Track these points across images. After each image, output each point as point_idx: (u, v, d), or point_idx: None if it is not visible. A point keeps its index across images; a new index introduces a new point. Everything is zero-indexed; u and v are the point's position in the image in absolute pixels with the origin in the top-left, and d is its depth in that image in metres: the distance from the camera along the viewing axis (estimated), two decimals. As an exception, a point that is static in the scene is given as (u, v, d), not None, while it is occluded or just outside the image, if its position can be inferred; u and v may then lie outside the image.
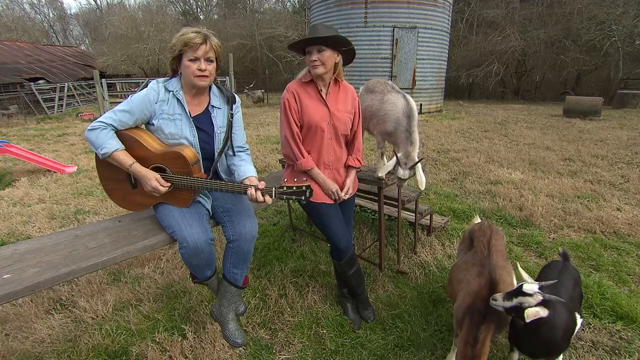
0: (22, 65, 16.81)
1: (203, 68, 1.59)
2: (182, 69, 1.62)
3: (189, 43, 1.54)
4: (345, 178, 2.01)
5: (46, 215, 3.71)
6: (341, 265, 1.99)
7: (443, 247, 2.91)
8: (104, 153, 1.55)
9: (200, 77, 1.60)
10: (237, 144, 1.84)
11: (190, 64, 1.58)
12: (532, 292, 1.29)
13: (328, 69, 1.79)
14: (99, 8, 36.98)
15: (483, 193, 4.15)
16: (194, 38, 1.54)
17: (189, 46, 1.55)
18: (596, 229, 3.15)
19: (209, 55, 1.60)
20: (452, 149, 6.43)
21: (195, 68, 1.58)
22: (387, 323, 2.07)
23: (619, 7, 13.74)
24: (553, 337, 1.37)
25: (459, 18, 17.99)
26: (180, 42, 1.55)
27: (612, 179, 4.52)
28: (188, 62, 1.58)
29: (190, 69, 1.58)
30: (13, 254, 1.46)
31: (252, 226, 1.76)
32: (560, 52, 16.43)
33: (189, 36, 1.54)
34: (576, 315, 1.48)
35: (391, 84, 2.42)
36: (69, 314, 2.19)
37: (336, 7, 11.40)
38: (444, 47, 12.23)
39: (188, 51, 1.56)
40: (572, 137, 7.25)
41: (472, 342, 1.35)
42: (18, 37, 28.03)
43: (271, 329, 2.05)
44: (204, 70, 1.59)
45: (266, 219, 3.61)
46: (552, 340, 1.38)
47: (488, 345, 1.37)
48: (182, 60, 1.59)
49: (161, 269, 2.67)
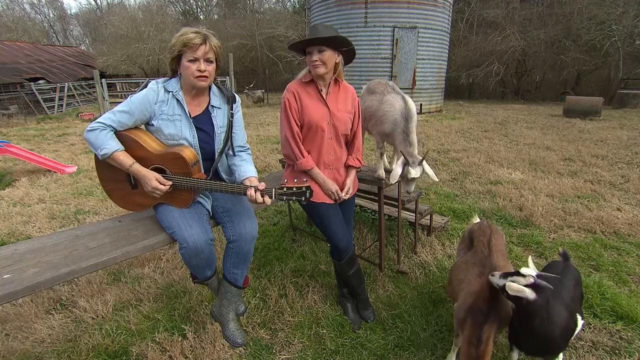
0: (22, 65, 16.81)
1: (202, 69, 1.58)
2: (182, 70, 1.61)
3: (189, 43, 1.53)
4: (346, 178, 2.01)
5: (46, 215, 3.72)
6: (341, 265, 1.99)
7: (443, 247, 2.91)
8: (104, 154, 1.54)
9: (200, 77, 1.59)
10: (238, 143, 1.84)
11: (190, 64, 1.57)
12: (527, 275, 1.33)
13: (329, 69, 1.79)
14: (99, 8, 37.00)
15: (483, 193, 4.15)
16: (193, 39, 1.53)
17: (189, 47, 1.54)
18: (596, 229, 3.15)
19: (209, 56, 1.59)
20: (452, 149, 6.43)
21: (195, 69, 1.57)
22: (387, 323, 2.07)
23: (619, 7, 13.74)
24: (550, 334, 1.36)
25: (459, 18, 17.99)
26: (179, 43, 1.54)
27: (612, 179, 4.52)
28: (187, 62, 1.57)
29: (189, 69, 1.57)
30: (13, 254, 1.46)
31: (252, 226, 1.76)
32: (561, 52, 16.43)
33: (189, 36, 1.53)
34: (577, 316, 1.48)
35: (392, 85, 2.41)
36: (69, 314, 2.19)
37: (336, 7, 11.39)
38: (444, 47, 12.23)
39: (187, 52, 1.55)
40: (572, 137, 7.25)
41: (475, 342, 1.35)
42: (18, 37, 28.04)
43: (271, 329, 2.05)
44: (203, 71, 1.58)
45: (266, 219, 3.61)
46: (550, 338, 1.38)
47: (491, 345, 1.37)
48: (182, 61, 1.59)
49: (161, 269, 2.67)
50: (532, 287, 1.30)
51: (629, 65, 15.18)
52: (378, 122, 2.33)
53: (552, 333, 1.37)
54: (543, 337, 1.37)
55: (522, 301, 1.32)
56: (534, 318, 1.34)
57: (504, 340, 1.87)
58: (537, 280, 1.31)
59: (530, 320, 1.36)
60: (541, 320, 1.34)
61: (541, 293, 1.30)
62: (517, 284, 1.31)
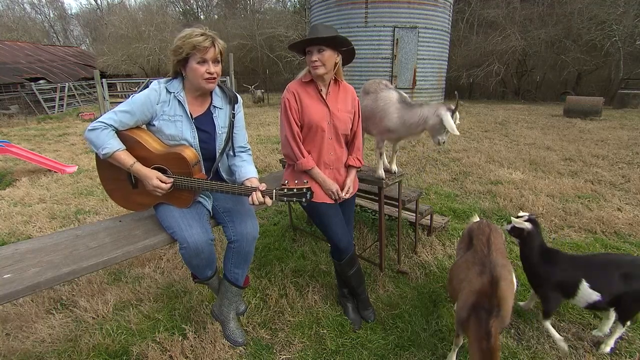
0: (22, 65, 16.83)
1: (212, 71, 1.59)
2: (189, 72, 1.61)
3: (198, 46, 1.53)
4: (346, 177, 2.01)
5: (47, 215, 3.72)
6: (341, 265, 1.99)
7: (443, 247, 2.91)
8: (105, 153, 1.54)
9: (209, 80, 1.60)
10: (238, 144, 1.84)
11: (199, 67, 1.57)
12: (522, 215, 1.96)
13: (328, 69, 1.79)
14: (100, 8, 37.01)
15: (483, 193, 4.14)
16: (203, 41, 1.53)
17: (198, 49, 1.54)
18: (597, 229, 3.15)
19: (216, 57, 1.60)
20: (452, 148, 6.43)
21: (204, 71, 1.57)
22: (388, 323, 2.07)
23: (619, 7, 13.72)
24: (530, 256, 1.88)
25: (459, 18, 17.98)
26: (188, 45, 1.53)
27: (613, 179, 4.52)
28: (196, 65, 1.57)
29: (198, 71, 1.57)
30: (14, 254, 1.46)
31: (254, 226, 1.76)
32: (561, 52, 16.41)
33: (197, 39, 1.52)
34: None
35: (385, 83, 2.45)
36: (69, 314, 2.20)
37: (337, 7, 11.40)
38: (444, 47, 12.23)
39: (196, 54, 1.55)
40: (572, 137, 7.24)
41: (485, 336, 1.36)
42: (19, 37, 28.05)
43: (271, 328, 2.05)
44: (212, 73, 1.59)
45: (267, 219, 3.61)
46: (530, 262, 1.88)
47: (499, 339, 1.37)
48: (189, 63, 1.58)
49: (162, 268, 2.68)
50: (528, 221, 1.89)
51: (629, 65, 15.15)
52: (378, 119, 2.34)
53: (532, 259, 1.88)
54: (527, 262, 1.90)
55: (524, 232, 1.88)
56: (533, 244, 1.86)
57: (503, 340, 1.87)
58: (531, 216, 1.93)
59: (531, 249, 1.87)
60: (539, 245, 1.86)
61: (535, 225, 1.89)
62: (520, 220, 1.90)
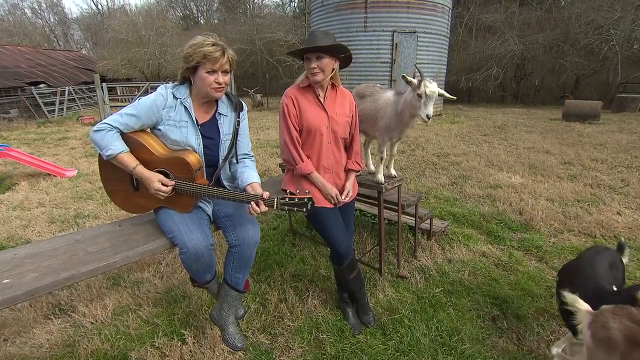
0: (23, 69, 16.85)
1: (221, 81, 1.60)
2: (197, 80, 1.62)
3: (209, 56, 1.54)
4: (345, 181, 2.02)
5: (46, 219, 3.71)
6: (341, 270, 1.99)
7: (443, 252, 2.91)
8: (109, 154, 1.55)
9: (217, 89, 1.62)
10: (242, 151, 1.85)
11: (208, 76, 1.58)
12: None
13: (327, 75, 1.81)
14: (100, 12, 37.20)
15: (483, 197, 4.15)
16: (214, 52, 1.54)
17: (208, 59, 1.55)
18: (596, 233, 3.15)
19: (225, 67, 1.62)
20: (451, 152, 6.44)
21: (213, 80, 1.59)
22: (388, 328, 2.06)
23: (616, 12, 13.81)
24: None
25: (458, 22, 18.11)
26: (199, 54, 1.54)
27: (612, 183, 4.53)
28: (205, 74, 1.58)
29: (207, 80, 1.59)
30: (12, 259, 1.46)
31: (255, 231, 1.76)
32: (559, 56, 16.51)
33: (209, 49, 1.54)
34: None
35: (379, 86, 2.51)
36: (68, 319, 2.18)
37: (336, 12, 11.46)
38: (443, 51, 12.28)
39: (207, 63, 1.56)
40: (571, 141, 7.26)
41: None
42: (19, 42, 28.11)
43: (271, 333, 2.04)
44: (221, 83, 1.61)
45: (266, 223, 3.60)
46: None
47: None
48: (198, 72, 1.60)
49: (161, 273, 2.67)
50: None
51: (627, 69, 15.23)
52: (379, 118, 2.36)
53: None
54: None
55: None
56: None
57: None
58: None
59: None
60: None
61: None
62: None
